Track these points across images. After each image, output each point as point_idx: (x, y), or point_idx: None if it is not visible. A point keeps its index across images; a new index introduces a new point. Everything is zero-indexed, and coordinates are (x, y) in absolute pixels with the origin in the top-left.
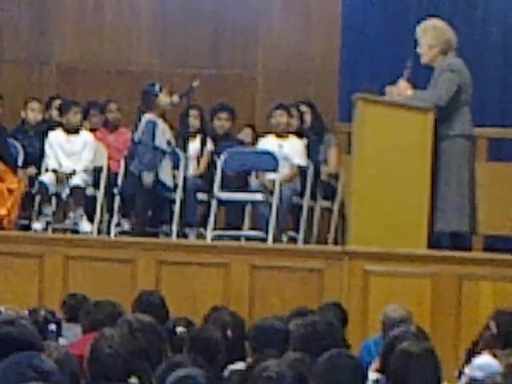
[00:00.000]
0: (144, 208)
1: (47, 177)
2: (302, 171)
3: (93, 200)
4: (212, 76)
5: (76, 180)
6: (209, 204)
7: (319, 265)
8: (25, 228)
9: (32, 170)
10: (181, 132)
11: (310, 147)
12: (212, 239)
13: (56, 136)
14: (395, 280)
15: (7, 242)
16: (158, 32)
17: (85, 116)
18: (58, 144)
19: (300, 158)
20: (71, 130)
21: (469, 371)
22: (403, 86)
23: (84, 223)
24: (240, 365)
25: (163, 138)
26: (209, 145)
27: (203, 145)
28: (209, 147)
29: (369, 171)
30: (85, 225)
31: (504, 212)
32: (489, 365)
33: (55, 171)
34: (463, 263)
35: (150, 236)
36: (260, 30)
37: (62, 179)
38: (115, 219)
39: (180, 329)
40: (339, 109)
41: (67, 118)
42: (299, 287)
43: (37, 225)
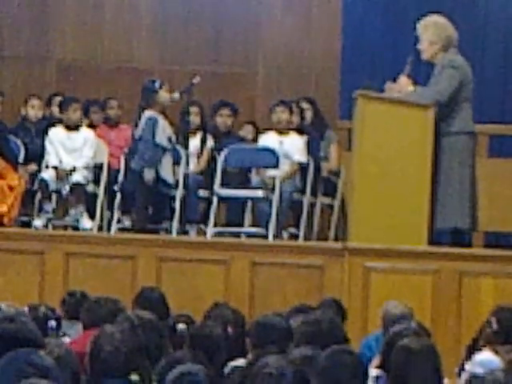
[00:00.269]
0: (144, 205)
1: (48, 174)
2: (303, 168)
3: (93, 197)
4: (212, 73)
5: (76, 177)
6: (209, 201)
7: (320, 261)
8: (25, 225)
9: (32, 167)
10: (181, 129)
11: (311, 144)
12: (212, 236)
13: (56, 133)
14: (396, 276)
15: (8, 239)
16: (159, 29)
17: (85, 113)
18: (59, 141)
19: (300, 155)
20: (72, 127)
21: (470, 367)
22: (404, 82)
23: (84, 220)
24: (241, 361)
25: (164, 135)
26: (209, 142)
27: (204, 142)
28: (209, 144)
29: (369, 168)
30: (85, 222)
31: (504, 208)
32: (490, 361)
33: (56, 168)
34: (464, 260)
35: (151, 233)
36: (260, 27)
37: (63, 176)
38: (116, 216)
39: (181, 325)
40: (340, 106)
41: (67, 115)
42: (300, 284)
43: (37, 222)
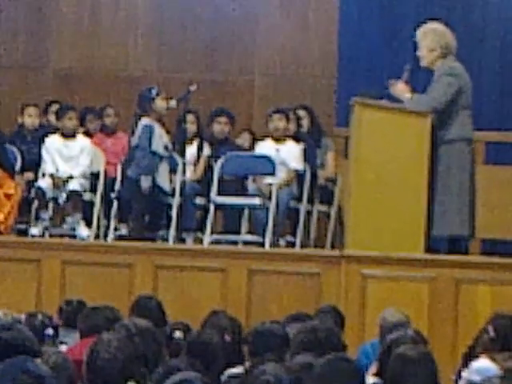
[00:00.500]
0: (141, 213)
1: (44, 182)
2: (299, 175)
3: (90, 205)
4: (209, 81)
5: (73, 185)
6: (206, 208)
7: (317, 269)
8: (22, 233)
9: (29, 175)
10: (178, 137)
11: (308, 151)
12: (209, 244)
13: (53, 141)
14: (393, 284)
15: (4, 247)
16: (155, 37)
17: (82, 121)
18: (55, 149)
19: (297, 163)
20: (68, 135)
21: (467, 375)
22: (401, 89)
23: (81, 228)
24: (238, 369)
25: (160, 143)
26: (206, 149)
27: (200, 149)
28: (206, 152)
29: (366, 175)
30: (82, 230)
31: (501, 215)
32: (487, 368)
33: (52, 176)
34: (461, 267)
35: (148, 241)
36: (257, 35)
37: (59, 184)
38: (113, 224)
39: (177, 333)
40: (336, 113)
41: (63, 123)
42: (297, 291)
43: (34, 230)
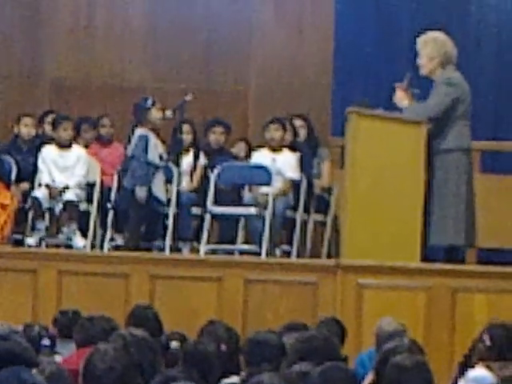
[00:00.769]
0: (137, 223)
1: (40, 192)
2: (295, 185)
3: (86, 215)
4: (204, 90)
5: (69, 195)
6: (202, 218)
7: (313, 278)
8: (18, 243)
9: (25, 186)
10: (173, 146)
11: (304, 161)
12: (205, 253)
13: (49, 151)
14: (389, 293)
15: (0, 258)
16: (150, 47)
17: (77, 132)
18: (51, 159)
19: (293, 172)
20: (64, 145)
21: None
22: (400, 97)
23: (77, 238)
24: (234, 379)
25: (156, 153)
26: (202, 159)
27: (196, 159)
28: (202, 161)
29: (362, 185)
30: (78, 240)
31: (498, 224)
32: (483, 377)
33: (48, 186)
34: (457, 276)
35: (144, 251)
36: (252, 44)
37: (55, 194)
38: (109, 234)
39: (174, 343)
40: (332, 122)
41: (58, 133)
42: (293, 301)
43: (30, 240)
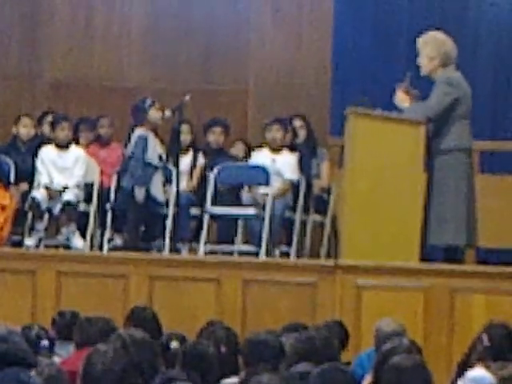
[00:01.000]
0: (136, 223)
1: (39, 193)
2: (294, 185)
3: (85, 216)
4: (203, 91)
5: (68, 196)
6: (201, 219)
7: (312, 279)
8: (17, 244)
9: (24, 186)
10: (172, 147)
11: (303, 161)
12: (204, 254)
13: (47, 152)
14: (388, 293)
15: None
16: (149, 47)
17: (76, 132)
18: (50, 160)
19: (292, 173)
20: (62, 146)
21: None
22: (400, 98)
23: (76, 239)
24: (233, 379)
25: (154, 153)
26: (201, 159)
27: (195, 160)
28: (201, 162)
29: (361, 185)
30: (77, 240)
31: (497, 224)
32: (482, 377)
33: (47, 187)
34: (456, 276)
35: (143, 251)
36: (251, 45)
37: (54, 195)
38: (107, 235)
39: (174, 344)
40: (331, 123)
41: (56, 134)
42: (292, 301)
43: (29, 241)
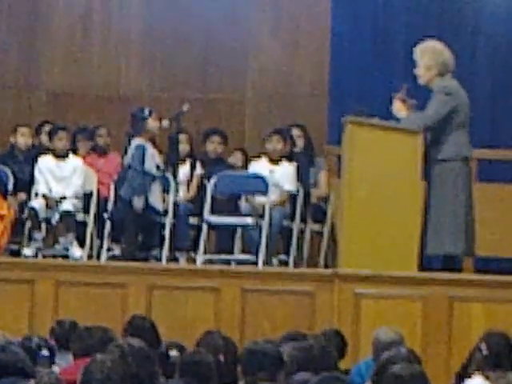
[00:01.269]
0: (134, 233)
1: (37, 202)
2: (292, 195)
3: (83, 225)
4: (201, 100)
5: (66, 205)
6: (199, 228)
7: (310, 288)
8: (15, 254)
9: (22, 196)
10: (170, 156)
11: (301, 170)
12: (202, 263)
13: (45, 161)
14: (386, 302)
15: None
16: (147, 57)
17: (74, 142)
18: (48, 169)
19: (290, 184)
20: (60, 156)
21: None
22: (398, 107)
23: (74, 248)
24: None
25: (153, 163)
26: (198, 169)
27: (193, 169)
28: (198, 171)
29: (359, 194)
30: (75, 250)
31: (494, 233)
32: None
33: (45, 196)
34: (454, 285)
35: (141, 261)
36: (249, 54)
37: (52, 204)
38: (106, 244)
39: (174, 352)
40: (328, 132)
41: (54, 144)
42: (290, 310)
43: (27, 250)
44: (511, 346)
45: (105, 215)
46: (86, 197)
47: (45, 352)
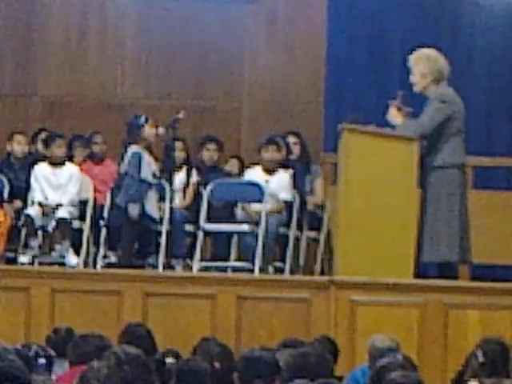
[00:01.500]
0: (130, 240)
1: (33, 210)
2: (288, 204)
3: (79, 232)
4: (197, 108)
5: (62, 213)
6: (195, 235)
7: (306, 295)
8: (11, 261)
9: (18, 204)
10: (166, 164)
11: (297, 178)
12: (198, 270)
13: (41, 169)
14: (382, 309)
15: None
16: (143, 64)
17: (70, 149)
18: (44, 177)
19: (286, 192)
20: (56, 163)
21: None
22: (393, 115)
23: (70, 256)
24: None
25: (149, 170)
26: (194, 176)
27: (189, 176)
28: (194, 179)
29: (355, 201)
30: (71, 257)
31: (490, 240)
32: None
33: (41, 204)
34: (450, 292)
35: (137, 268)
36: (245, 62)
37: (48, 212)
38: (101, 251)
39: (169, 360)
40: (324, 139)
41: (51, 151)
42: (286, 318)
43: (23, 258)
44: (507, 353)
45: (101, 222)
46: (82, 204)
47: (42, 360)
